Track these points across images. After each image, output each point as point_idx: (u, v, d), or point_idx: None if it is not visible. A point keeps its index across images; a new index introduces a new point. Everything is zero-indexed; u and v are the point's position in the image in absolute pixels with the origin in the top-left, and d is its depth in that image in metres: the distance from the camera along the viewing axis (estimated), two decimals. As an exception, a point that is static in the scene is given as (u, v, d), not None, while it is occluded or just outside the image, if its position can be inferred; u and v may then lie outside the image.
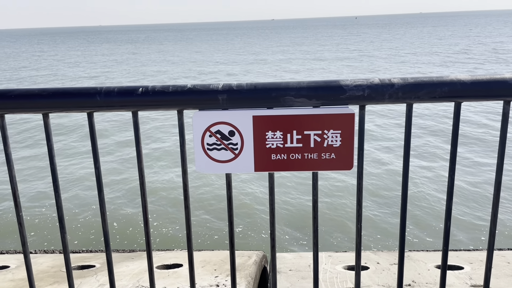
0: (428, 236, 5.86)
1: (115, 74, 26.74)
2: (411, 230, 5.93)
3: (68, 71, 29.39)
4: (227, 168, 1.48)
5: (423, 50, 34.36)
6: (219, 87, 1.39)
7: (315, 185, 1.52)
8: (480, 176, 7.88)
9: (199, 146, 1.45)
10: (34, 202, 7.52)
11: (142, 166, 1.50)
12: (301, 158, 1.46)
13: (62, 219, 1.54)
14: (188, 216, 1.56)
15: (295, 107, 1.42)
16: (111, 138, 11.66)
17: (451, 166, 1.46)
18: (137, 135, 1.47)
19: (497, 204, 1.47)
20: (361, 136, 1.45)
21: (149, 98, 1.40)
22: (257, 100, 1.41)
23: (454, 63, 25.24)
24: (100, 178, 1.51)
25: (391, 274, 3.26)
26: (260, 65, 29.22)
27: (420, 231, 5.94)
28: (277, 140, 1.45)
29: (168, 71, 27.92)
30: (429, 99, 1.37)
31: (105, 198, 1.55)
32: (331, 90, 1.39)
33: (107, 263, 1.55)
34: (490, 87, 1.36)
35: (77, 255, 4.30)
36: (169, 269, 3.50)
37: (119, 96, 1.39)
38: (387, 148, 9.86)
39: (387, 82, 1.38)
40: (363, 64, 27.15)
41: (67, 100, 1.41)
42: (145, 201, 1.53)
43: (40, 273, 3.53)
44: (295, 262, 3.60)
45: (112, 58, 38.96)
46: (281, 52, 39.78)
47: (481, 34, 51.52)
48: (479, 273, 3.20)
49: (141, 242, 6.00)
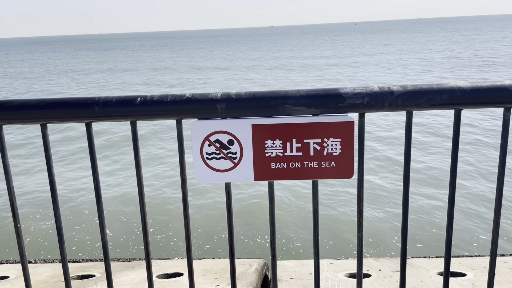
0: (430, 242, 5.83)
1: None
2: (412, 237, 5.90)
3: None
4: (227, 177, 1.47)
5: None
6: (218, 96, 1.39)
7: (315, 193, 1.50)
8: (477, 180, 7.85)
9: (198, 155, 1.44)
10: (35, 208, 7.50)
11: (141, 176, 1.49)
12: (300, 167, 1.45)
13: (60, 230, 1.53)
14: (187, 226, 1.54)
15: (294, 115, 1.41)
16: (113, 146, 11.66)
17: (452, 173, 1.45)
18: (136, 145, 1.46)
19: (499, 211, 1.46)
20: (361, 144, 1.45)
21: (147, 107, 1.39)
22: (256, 108, 1.40)
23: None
24: (98, 189, 1.50)
25: (393, 281, 3.23)
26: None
27: (422, 238, 5.91)
28: (276, 149, 1.44)
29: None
30: (429, 107, 1.37)
31: (103, 209, 1.53)
32: (330, 98, 1.38)
33: (106, 274, 1.53)
34: (490, 94, 1.35)
35: (76, 265, 4.27)
36: (169, 278, 3.48)
37: (117, 106, 1.39)
38: (386, 154, 9.84)
39: (387, 90, 1.37)
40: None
41: (65, 110, 1.40)
42: (144, 211, 1.52)
43: (40, 283, 3.51)
44: (297, 270, 3.57)
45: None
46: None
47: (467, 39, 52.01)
48: (482, 279, 3.17)
49: (142, 251, 5.97)
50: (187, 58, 45.36)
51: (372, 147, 10.37)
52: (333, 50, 46.22)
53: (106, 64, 40.91)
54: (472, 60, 28.46)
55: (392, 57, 34.19)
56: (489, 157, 9.19)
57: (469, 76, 21.61)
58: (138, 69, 34.80)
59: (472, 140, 10.47)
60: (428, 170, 8.56)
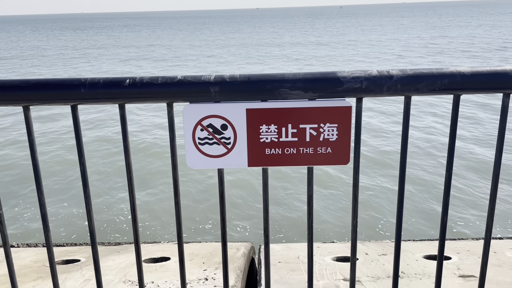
0: (414, 225, 5.92)
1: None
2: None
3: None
4: (219, 163, 1.42)
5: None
6: (211, 79, 1.33)
7: (310, 180, 1.47)
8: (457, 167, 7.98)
9: (190, 140, 1.39)
10: (21, 191, 7.35)
11: (129, 161, 1.43)
12: (296, 153, 1.41)
13: (45, 217, 1.47)
14: (178, 212, 1.50)
15: (290, 99, 1.36)
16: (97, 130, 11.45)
17: (449, 159, 1.43)
18: (124, 129, 1.40)
19: (494, 198, 1.45)
20: (358, 130, 1.41)
21: (136, 90, 1.32)
22: (250, 92, 1.35)
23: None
24: (85, 174, 1.44)
25: (380, 265, 3.26)
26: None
27: (406, 220, 5.98)
28: (271, 134, 1.40)
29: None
30: (429, 92, 1.33)
31: (91, 195, 1.47)
32: (327, 82, 1.33)
33: (94, 263, 1.48)
34: (490, 79, 1.33)
35: (61, 249, 4.20)
36: (156, 263, 3.44)
37: (105, 88, 1.32)
38: (380, 140, 9.90)
39: (386, 74, 1.33)
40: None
41: (49, 92, 1.32)
42: (133, 197, 1.46)
43: (23, 268, 3.44)
44: (284, 254, 3.58)
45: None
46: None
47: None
48: (466, 263, 3.22)
49: (127, 235, 5.92)
50: (166, 39, 44.79)
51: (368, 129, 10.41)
52: (307, 34, 46.20)
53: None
54: (443, 46, 28.92)
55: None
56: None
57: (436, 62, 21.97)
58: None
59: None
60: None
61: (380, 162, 8.36)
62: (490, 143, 9.23)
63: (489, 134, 9.82)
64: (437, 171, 7.73)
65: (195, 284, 2.99)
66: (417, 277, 3.00)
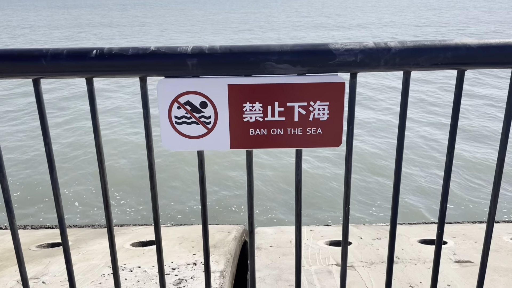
0: (410, 207, 5.85)
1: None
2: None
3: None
4: (199, 144, 1.29)
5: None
6: (188, 50, 1.19)
7: (299, 163, 1.35)
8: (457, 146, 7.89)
9: (165, 119, 1.26)
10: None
11: (100, 142, 1.30)
12: (283, 134, 1.28)
13: (9, 203, 1.34)
14: (155, 197, 1.38)
15: (277, 74, 1.23)
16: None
17: (451, 141, 1.31)
18: (93, 106, 1.26)
19: (498, 183, 1.34)
20: (352, 109, 1.28)
21: (105, 62, 1.18)
22: (233, 66, 1.21)
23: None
24: (51, 156, 1.31)
25: (374, 249, 3.17)
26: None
27: (401, 203, 5.91)
28: (256, 113, 1.26)
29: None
30: (430, 66, 1.20)
31: (58, 178, 1.35)
32: (318, 55, 1.20)
33: (64, 252, 1.37)
34: (499, 53, 1.19)
35: (48, 231, 4.10)
36: (144, 247, 3.35)
37: (69, 59, 1.18)
38: (377, 117, 9.78)
39: (383, 46, 1.19)
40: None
41: (6, 63, 1.18)
42: (104, 181, 1.34)
43: (6, 252, 3.34)
44: (276, 237, 3.49)
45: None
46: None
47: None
48: (462, 247, 3.14)
49: (117, 217, 5.82)
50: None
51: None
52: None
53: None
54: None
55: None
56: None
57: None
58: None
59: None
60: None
61: (381, 130, 8.24)
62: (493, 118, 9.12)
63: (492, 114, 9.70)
64: (432, 152, 7.64)
65: (183, 269, 2.90)
66: (412, 262, 2.91)
